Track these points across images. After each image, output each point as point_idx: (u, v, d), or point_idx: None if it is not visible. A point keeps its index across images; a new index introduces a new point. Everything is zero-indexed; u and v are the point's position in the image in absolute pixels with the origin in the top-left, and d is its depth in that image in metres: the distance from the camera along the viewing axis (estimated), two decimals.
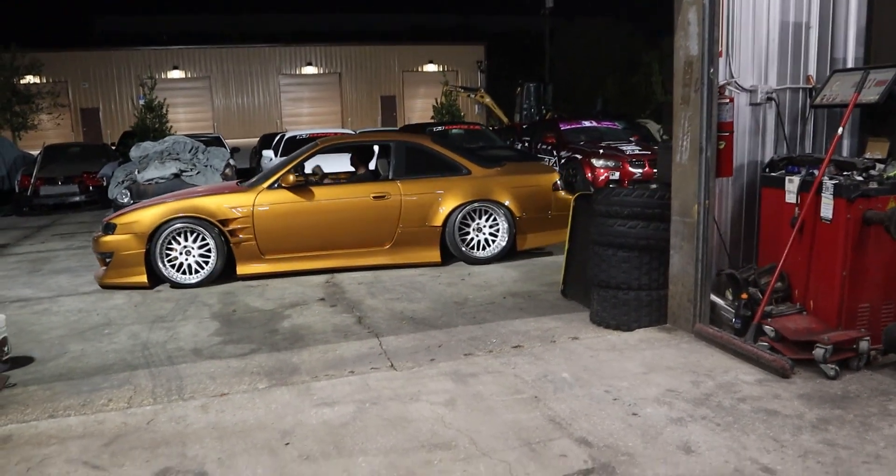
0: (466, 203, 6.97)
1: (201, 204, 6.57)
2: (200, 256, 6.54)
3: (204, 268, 6.54)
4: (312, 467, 3.05)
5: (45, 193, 13.06)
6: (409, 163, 7.09)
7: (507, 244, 7.12)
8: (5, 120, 26.60)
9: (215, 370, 4.32)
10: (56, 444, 3.38)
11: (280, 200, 6.67)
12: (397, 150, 7.11)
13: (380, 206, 6.83)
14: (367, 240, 6.86)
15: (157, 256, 6.42)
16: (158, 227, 6.41)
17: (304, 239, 6.73)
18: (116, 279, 6.50)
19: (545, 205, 7.26)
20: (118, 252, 6.45)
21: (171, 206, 6.54)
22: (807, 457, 3.01)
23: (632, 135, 13.86)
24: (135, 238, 6.41)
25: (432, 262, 6.99)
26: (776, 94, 4.81)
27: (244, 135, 32.18)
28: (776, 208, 4.55)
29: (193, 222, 6.45)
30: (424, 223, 6.93)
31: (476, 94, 26.05)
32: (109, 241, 6.49)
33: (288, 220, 6.67)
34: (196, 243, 6.51)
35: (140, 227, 6.43)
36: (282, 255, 6.72)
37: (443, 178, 7.08)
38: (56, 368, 4.51)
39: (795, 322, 4.22)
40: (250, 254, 6.62)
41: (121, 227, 6.49)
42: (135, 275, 6.46)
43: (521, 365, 4.18)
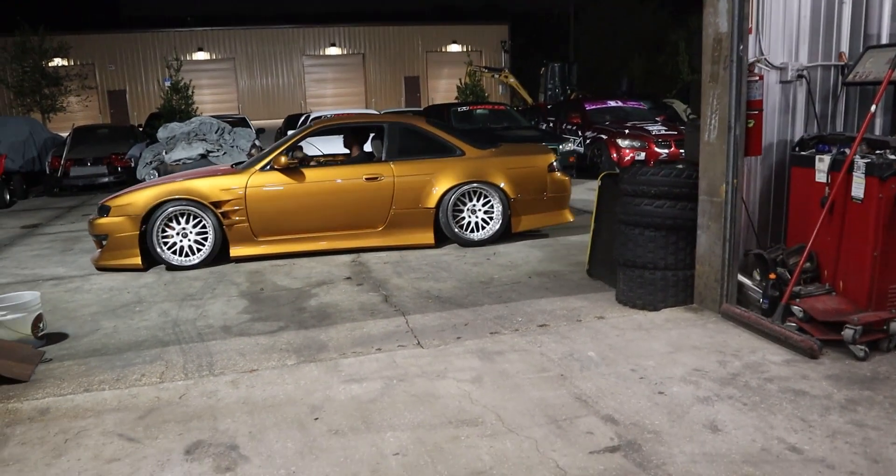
0: (460, 184, 6.90)
1: (194, 186, 6.55)
2: (197, 240, 6.55)
3: (201, 250, 6.55)
4: (341, 441, 3.11)
5: (74, 174, 13.26)
6: (402, 144, 7.03)
7: (501, 226, 7.05)
8: (35, 102, 27.00)
9: (244, 347, 4.39)
10: (92, 417, 3.47)
11: (272, 182, 6.64)
12: (391, 132, 7.06)
13: (372, 188, 6.78)
14: (360, 221, 6.83)
15: (154, 238, 6.42)
16: (152, 209, 6.41)
17: (296, 221, 6.70)
18: (111, 261, 6.53)
19: (541, 186, 7.17)
20: (112, 234, 6.46)
21: (163, 188, 6.54)
22: (835, 437, 3.00)
23: (658, 115, 13.73)
24: (129, 220, 6.42)
25: (426, 244, 6.94)
26: (807, 72, 4.73)
27: (268, 116, 32.35)
28: (806, 188, 4.49)
29: (187, 204, 6.46)
30: (418, 205, 6.87)
31: (500, 74, 25.88)
32: (104, 223, 6.51)
33: (280, 202, 6.65)
34: (193, 226, 6.52)
35: (134, 209, 6.43)
36: (275, 237, 6.70)
37: (436, 159, 7.02)
38: (90, 344, 4.61)
39: (824, 302, 4.18)
40: (243, 236, 6.61)
41: (115, 209, 6.49)
42: (129, 257, 6.47)
43: (547, 343, 4.19)
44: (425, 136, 7.17)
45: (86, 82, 29.65)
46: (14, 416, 3.52)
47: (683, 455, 2.89)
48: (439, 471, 2.83)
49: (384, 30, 38.11)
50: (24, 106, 27.08)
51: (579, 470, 2.80)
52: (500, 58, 37.73)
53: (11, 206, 12.11)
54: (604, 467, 2.82)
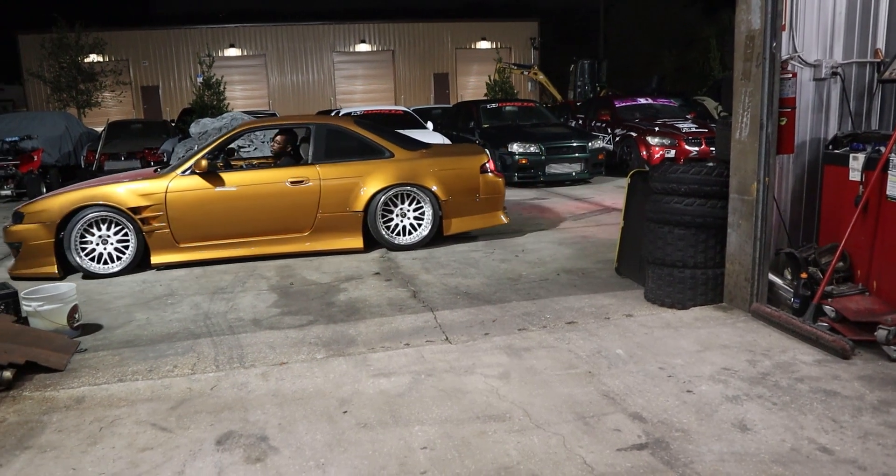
0: (389, 187, 6.75)
1: (110, 192, 6.34)
2: (118, 247, 6.37)
3: (122, 257, 6.37)
4: (370, 434, 3.14)
5: (108, 168, 13.46)
6: (328, 146, 6.86)
7: (431, 229, 6.92)
8: (71, 98, 27.52)
9: (274, 340, 4.45)
10: (126, 406, 3.55)
11: (193, 187, 6.45)
12: (317, 134, 6.89)
13: (297, 192, 6.62)
14: (286, 227, 6.67)
15: (71, 246, 6.21)
16: (67, 216, 6.21)
17: (219, 226, 6.53)
18: (24, 270, 6.25)
19: (473, 188, 7.01)
20: (26, 242, 6.23)
21: (79, 195, 6.31)
22: (867, 438, 2.96)
23: (688, 112, 13.59)
24: (43, 228, 6.19)
25: (354, 248, 6.80)
26: (842, 69, 4.66)
27: (298, 111, 32.57)
28: (839, 186, 4.43)
29: (104, 211, 6.27)
30: (345, 208, 6.71)
31: (529, 71, 25.78)
32: (17, 230, 6.27)
33: (202, 208, 6.46)
34: (113, 232, 6.33)
35: (48, 215, 6.21)
36: (197, 244, 6.53)
37: (364, 161, 6.85)
38: (123, 335, 4.71)
39: (857, 302, 4.12)
40: (164, 242, 6.44)
41: (29, 216, 6.27)
42: (44, 265, 6.24)
43: (575, 340, 4.19)
44: (353, 137, 6.98)
45: (120, 78, 30.12)
46: (51, 403, 3.62)
47: (712, 454, 2.88)
48: (466, 465, 2.85)
49: (414, 26, 38.13)
50: (61, 101, 27.62)
51: (606, 467, 2.80)
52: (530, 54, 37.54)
53: None
54: (631, 464, 2.82)
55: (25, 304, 4.60)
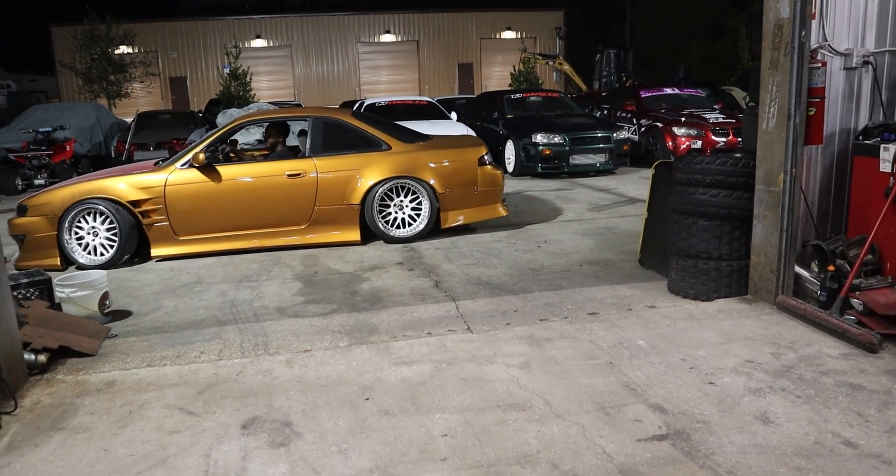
0: (386, 180, 6.73)
1: (110, 185, 6.39)
2: (108, 238, 6.37)
3: (110, 250, 6.37)
4: (391, 421, 3.18)
5: (138, 158, 13.67)
6: (326, 139, 6.85)
7: (429, 222, 6.89)
8: (102, 89, 27.93)
9: (298, 328, 4.50)
10: (154, 391, 3.63)
11: (192, 180, 6.48)
12: (314, 126, 6.87)
13: (295, 185, 6.62)
14: (283, 219, 6.67)
15: (65, 238, 6.28)
16: (69, 208, 6.28)
17: (217, 219, 6.56)
18: (29, 262, 6.28)
19: (471, 180, 6.98)
20: (30, 234, 6.32)
21: (80, 188, 6.40)
22: (893, 433, 2.93)
23: (716, 102, 13.43)
24: (46, 220, 6.28)
25: (352, 241, 6.80)
26: (873, 58, 4.58)
27: (323, 102, 32.68)
28: (869, 178, 4.37)
29: (102, 203, 6.30)
30: (342, 201, 6.70)
31: (554, 61, 25.60)
32: (21, 223, 6.37)
33: (200, 201, 6.49)
34: (103, 224, 6.34)
35: (51, 208, 6.29)
36: (196, 236, 6.56)
37: (361, 154, 6.82)
38: (152, 322, 4.80)
39: (886, 296, 4.07)
40: (164, 235, 6.48)
41: (32, 208, 6.35)
42: (47, 257, 6.30)
43: (597, 331, 4.19)
44: (350, 129, 6.94)
45: (149, 69, 30.51)
46: (83, 387, 3.71)
47: (733, 446, 2.87)
48: (486, 453, 2.88)
49: (438, 17, 38.03)
50: (92, 92, 28.05)
51: (626, 457, 2.81)
52: (555, 44, 37.27)
53: None
54: (651, 455, 2.82)
55: (59, 291, 4.70)
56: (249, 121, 7.18)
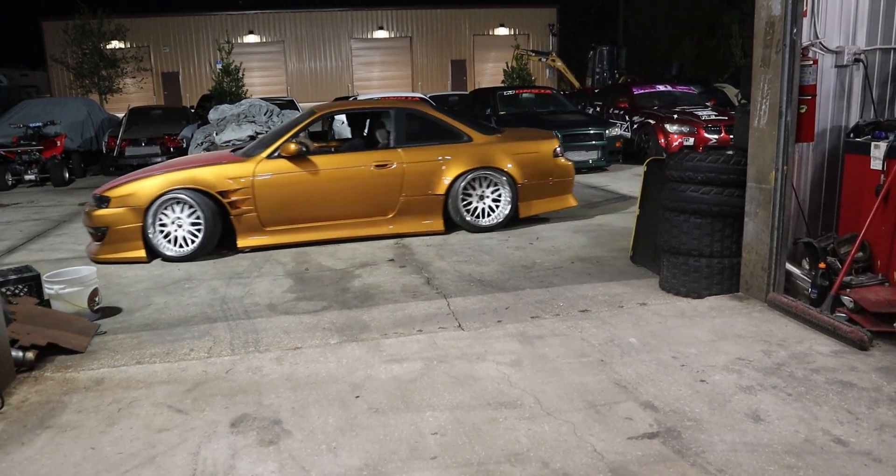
0: (469, 171, 6.85)
1: (200, 175, 6.34)
2: (192, 227, 6.33)
3: (196, 240, 6.31)
4: (381, 420, 3.16)
5: (129, 154, 13.61)
6: (409, 130, 6.96)
7: (510, 212, 7.02)
8: (93, 84, 27.75)
9: (289, 325, 4.48)
10: (143, 388, 3.60)
11: (280, 170, 6.49)
12: (397, 118, 6.95)
13: (382, 175, 6.70)
14: (370, 209, 6.74)
15: (150, 228, 6.24)
16: (155, 199, 6.22)
17: (305, 209, 6.57)
18: (112, 254, 6.27)
19: (547, 172, 7.13)
20: (113, 226, 6.22)
21: (168, 178, 6.32)
22: (883, 430, 2.94)
23: (708, 99, 13.44)
24: (131, 211, 6.20)
25: (436, 231, 6.90)
26: (864, 56, 4.58)
27: (316, 98, 32.59)
28: (860, 175, 4.37)
29: (187, 194, 6.25)
30: (427, 192, 6.81)
31: (547, 57, 25.56)
32: (104, 214, 6.25)
33: (289, 191, 6.50)
34: (187, 215, 6.30)
35: (137, 199, 6.22)
36: (283, 227, 6.56)
37: (445, 145, 6.93)
38: (142, 319, 4.77)
39: (876, 293, 4.08)
40: (251, 226, 6.46)
41: (115, 200, 6.25)
42: (132, 250, 6.25)
43: (588, 329, 4.19)
44: (432, 121, 7.07)
45: (141, 64, 30.33)
46: (71, 385, 3.68)
47: (724, 443, 2.87)
48: (476, 451, 2.87)
49: (431, 13, 37.97)
50: (83, 87, 27.86)
51: (617, 455, 2.81)
52: (548, 41, 37.25)
53: (70, 184, 12.52)
54: (642, 453, 2.82)
55: (47, 287, 4.67)
56: (330, 112, 7.26)
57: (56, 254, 6.86)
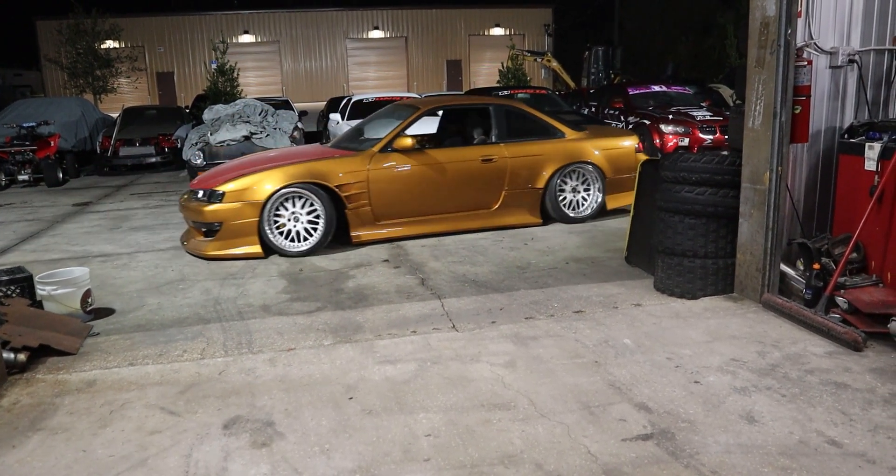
0: (566, 165, 7.12)
1: (318, 169, 6.33)
2: (309, 223, 6.30)
3: (313, 235, 6.30)
4: (374, 421, 3.15)
5: (123, 154, 13.57)
6: (509, 126, 7.18)
7: (599, 204, 7.35)
8: (87, 83, 27.69)
9: (283, 326, 4.47)
10: (136, 390, 3.58)
11: (394, 164, 6.58)
12: (497, 114, 7.16)
13: (488, 169, 6.89)
14: (476, 203, 6.93)
15: (266, 224, 6.17)
16: (274, 193, 6.13)
17: (416, 203, 6.69)
18: (225, 250, 6.18)
19: (630, 166, 7.38)
20: (228, 222, 6.11)
21: (288, 172, 6.24)
22: (877, 431, 2.94)
23: (703, 100, 13.45)
24: (248, 206, 6.10)
25: (534, 223, 7.14)
26: (859, 56, 4.59)
27: (311, 98, 32.60)
28: (854, 176, 4.38)
29: (307, 188, 6.21)
30: (528, 185, 7.05)
31: (543, 58, 25.59)
32: (219, 210, 6.12)
33: (401, 185, 6.59)
34: (305, 209, 6.27)
35: (254, 194, 6.13)
36: (394, 221, 6.65)
37: (542, 141, 7.21)
38: (135, 320, 4.74)
39: (870, 294, 4.08)
40: (365, 220, 6.51)
41: (230, 194, 6.13)
42: (247, 245, 6.17)
43: (583, 330, 4.18)
44: (529, 118, 7.35)
45: (136, 64, 30.28)
46: (63, 386, 3.66)
47: (718, 445, 2.87)
48: (470, 453, 2.86)
49: (427, 13, 38.01)
50: (77, 87, 27.80)
51: (610, 456, 2.80)
52: (544, 41, 37.31)
53: (64, 184, 12.46)
54: (636, 455, 2.81)
55: (40, 288, 4.64)
56: (432, 108, 7.36)
57: (49, 254, 6.83)
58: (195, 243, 6.45)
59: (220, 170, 6.91)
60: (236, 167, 6.79)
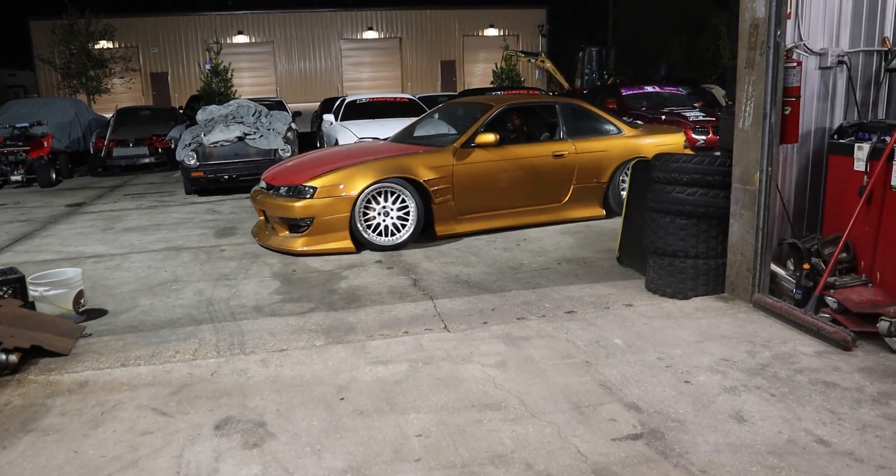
0: (629, 160, 7.22)
1: (407, 164, 6.48)
2: (399, 218, 6.41)
3: (403, 229, 6.42)
4: (366, 422, 3.16)
5: (117, 155, 13.54)
6: (576, 123, 7.45)
7: None
8: (81, 84, 27.61)
9: (275, 327, 4.47)
10: (127, 391, 3.58)
11: (475, 160, 6.75)
12: (564, 111, 7.44)
13: (559, 164, 7.10)
14: (547, 197, 7.14)
15: (357, 219, 6.24)
16: (365, 188, 6.21)
17: (495, 198, 6.89)
18: (315, 246, 6.23)
19: None
20: (320, 217, 6.16)
21: (378, 167, 6.37)
22: (865, 430, 2.96)
23: (696, 100, 13.48)
24: (341, 201, 6.16)
25: (598, 216, 7.37)
26: (848, 58, 4.62)
27: (306, 99, 32.56)
28: (844, 176, 4.40)
29: (398, 183, 6.34)
30: (594, 180, 7.29)
31: (536, 58, 25.63)
32: (310, 205, 6.16)
33: (483, 179, 6.78)
34: (396, 205, 6.38)
35: (347, 189, 6.19)
36: (474, 215, 6.83)
37: (605, 137, 7.50)
38: (127, 321, 4.74)
39: (860, 294, 4.11)
40: (448, 214, 6.66)
41: (322, 189, 6.18)
42: (338, 240, 6.23)
43: (574, 330, 4.19)
44: (593, 115, 7.65)
45: (129, 64, 30.20)
46: (54, 387, 3.65)
47: (707, 444, 2.88)
48: (460, 453, 2.87)
49: (421, 13, 38.00)
50: (71, 87, 27.72)
51: (600, 456, 2.81)
52: (538, 42, 37.35)
53: (57, 185, 12.43)
54: (625, 454, 2.82)
55: (32, 289, 4.63)
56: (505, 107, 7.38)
57: (42, 255, 6.82)
58: (279, 239, 6.46)
59: (296, 166, 7.04)
60: (314, 163, 6.87)
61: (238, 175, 10.16)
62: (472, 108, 7.64)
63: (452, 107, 8.35)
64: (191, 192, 10.57)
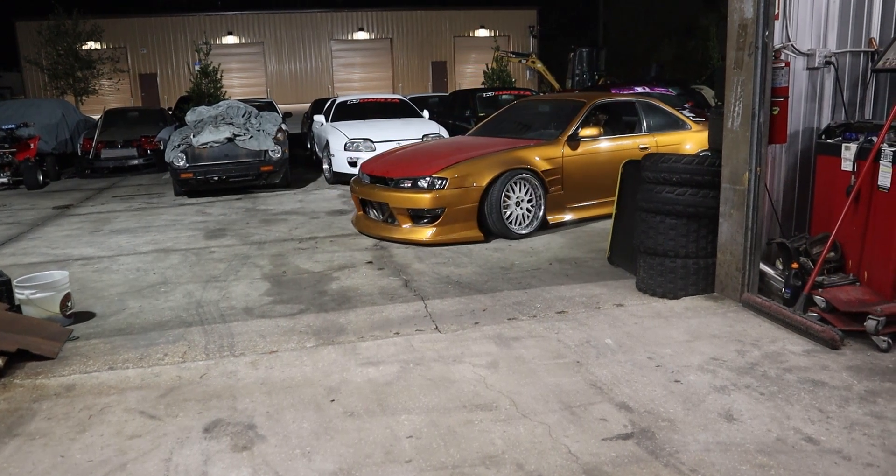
0: (698, 153, 7.37)
1: (525, 156, 6.78)
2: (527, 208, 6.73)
3: (530, 218, 6.74)
4: (356, 423, 3.15)
5: (105, 156, 13.46)
6: (653, 119, 7.88)
7: None
8: (68, 85, 27.43)
9: (265, 329, 4.45)
10: (115, 394, 3.56)
11: (579, 152, 7.12)
12: (643, 108, 7.94)
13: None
14: None
15: (493, 209, 6.49)
16: (493, 179, 6.47)
17: (593, 187, 7.17)
18: (445, 236, 6.45)
19: None
20: (451, 207, 6.40)
21: (500, 159, 6.67)
22: (853, 428, 2.97)
23: (686, 101, 13.52)
24: (470, 191, 6.44)
25: None
26: (835, 58, 4.64)
27: (296, 100, 32.48)
28: (831, 176, 4.43)
29: (527, 173, 6.65)
30: None
31: (527, 59, 25.65)
32: (442, 195, 6.39)
33: (586, 170, 7.13)
34: (527, 195, 6.70)
35: (475, 180, 6.46)
36: (576, 204, 7.18)
37: (678, 131, 7.94)
38: (115, 323, 4.71)
39: (848, 293, 4.13)
40: (557, 203, 7.01)
41: (452, 181, 6.40)
42: (467, 230, 6.50)
43: (565, 330, 4.20)
44: (665, 112, 8.07)
45: (118, 65, 30.03)
46: (41, 391, 3.62)
47: (697, 443, 2.89)
48: (451, 454, 2.86)
49: (412, 14, 37.99)
50: (58, 89, 27.54)
51: (591, 456, 2.81)
52: (529, 43, 37.40)
53: (44, 187, 12.34)
54: (616, 454, 2.83)
55: (18, 292, 4.60)
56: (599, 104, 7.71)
57: (29, 258, 6.76)
58: (405, 230, 6.62)
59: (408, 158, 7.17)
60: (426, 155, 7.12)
61: (228, 176, 10.11)
62: (564, 104, 8.01)
63: (531, 103, 8.88)
64: (180, 194, 10.52)
